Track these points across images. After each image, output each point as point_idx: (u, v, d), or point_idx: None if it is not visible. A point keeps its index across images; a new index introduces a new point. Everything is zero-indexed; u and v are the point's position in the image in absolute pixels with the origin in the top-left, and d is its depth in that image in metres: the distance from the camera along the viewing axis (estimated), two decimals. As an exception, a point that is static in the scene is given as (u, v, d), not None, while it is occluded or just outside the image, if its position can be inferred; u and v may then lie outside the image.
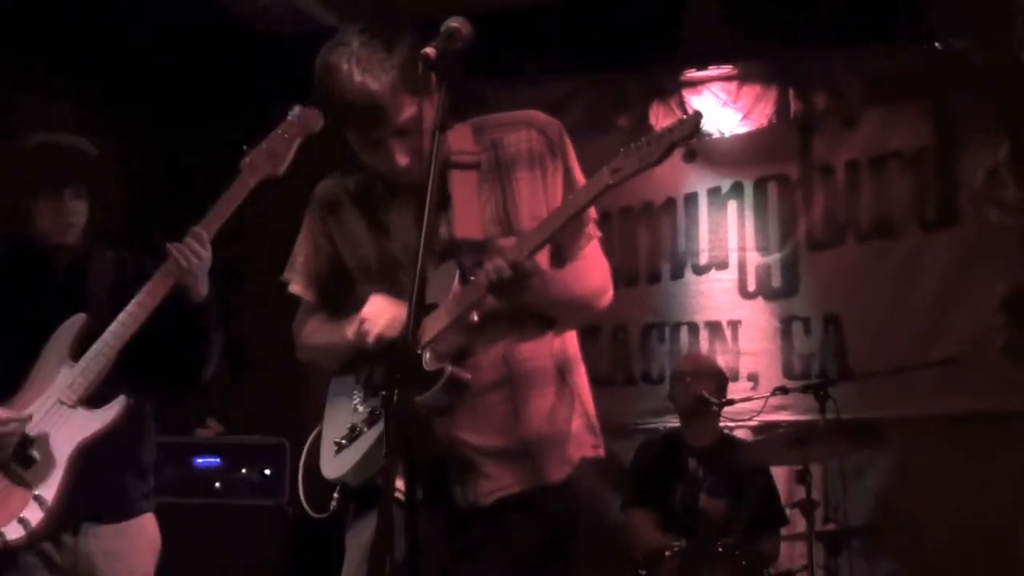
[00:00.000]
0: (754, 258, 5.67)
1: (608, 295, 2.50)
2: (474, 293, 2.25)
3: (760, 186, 5.69)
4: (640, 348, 5.77)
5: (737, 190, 5.73)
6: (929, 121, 5.40)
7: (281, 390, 5.21)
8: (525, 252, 2.21)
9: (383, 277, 2.43)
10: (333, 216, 2.53)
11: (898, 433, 5.11)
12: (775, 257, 5.63)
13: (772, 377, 5.44)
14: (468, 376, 2.28)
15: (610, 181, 2.14)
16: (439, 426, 2.32)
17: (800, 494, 4.61)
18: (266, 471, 4.95)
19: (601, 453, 2.50)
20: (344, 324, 2.45)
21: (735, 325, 5.63)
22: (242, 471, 4.96)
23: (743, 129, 5.72)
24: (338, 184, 2.55)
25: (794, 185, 5.64)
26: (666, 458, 4.97)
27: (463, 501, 2.35)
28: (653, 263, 5.81)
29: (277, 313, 2.74)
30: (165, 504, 4.59)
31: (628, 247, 5.79)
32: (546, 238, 2.25)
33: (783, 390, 4.94)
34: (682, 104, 5.75)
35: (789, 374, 5.46)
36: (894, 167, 5.46)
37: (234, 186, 2.90)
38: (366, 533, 2.28)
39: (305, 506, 2.52)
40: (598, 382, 4.35)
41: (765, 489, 4.90)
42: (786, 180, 5.65)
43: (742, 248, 5.69)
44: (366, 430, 2.37)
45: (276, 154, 2.89)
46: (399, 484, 2.00)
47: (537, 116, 2.48)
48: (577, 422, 2.46)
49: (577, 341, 2.53)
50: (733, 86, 5.75)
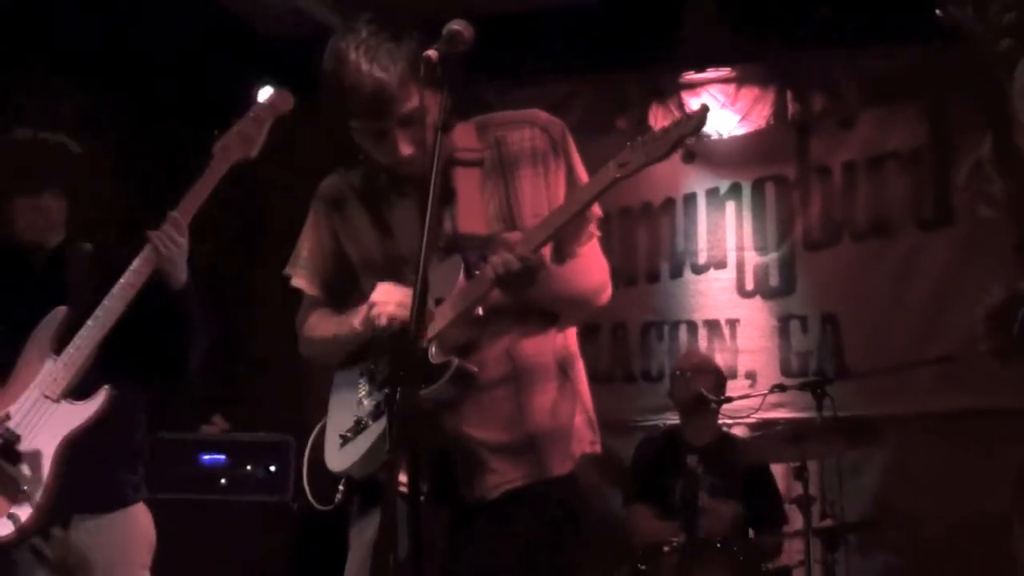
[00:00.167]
0: (752, 258, 5.69)
1: (607, 292, 2.51)
2: (480, 287, 2.25)
3: (758, 186, 5.71)
4: (640, 346, 5.78)
5: (735, 190, 5.75)
6: (925, 122, 5.42)
7: (286, 387, 5.18)
8: (532, 246, 2.22)
9: (387, 272, 2.43)
10: (337, 211, 2.53)
11: (894, 430, 5.07)
12: (773, 256, 5.64)
13: (770, 375, 5.47)
14: (475, 369, 2.28)
15: (617, 175, 2.15)
16: (444, 421, 2.32)
17: (797, 490, 4.59)
18: (271, 468, 4.92)
19: (599, 449, 2.51)
20: (350, 315, 2.45)
21: (733, 324, 5.64)
22: (247, 468, 4.93)
23: (741, 130, 5.73)
24: (342, 179, 2.55)
25: (791, 185, 5.65)
26: (666, 455, 4.97)
27: (469, 495, 2.35)
28: (652, 262, 5.83)
29: (282, 311, 2.73)
30: (171, 500, 4.69)
31: (627, 247, 5.79)
32: (553, 232, 2.26)
33: (781, 388, 4.95)
34: (681, 106, 5.74)
35: (787, 372, 5.49)
36: (891, 167, 5.48)
37: (208, 171, 2.85)
38: (370, 529, 2.28)
39: (310, 498, 2.51)
40: (598, 379, 4.42)
41: (767, 490, 4.92)
42: (784, 181, 5.67)
43: (740, 248, 5.70)
44: (371, 423, 2.37)
45: (248, 137, 2.86)
46: (403, 479, 2.01)
47: (540, 115, 2.49)
48: (578, 418, 2.47)
49: (576, 338, 2.54)
50: (731, 88, 5.76)
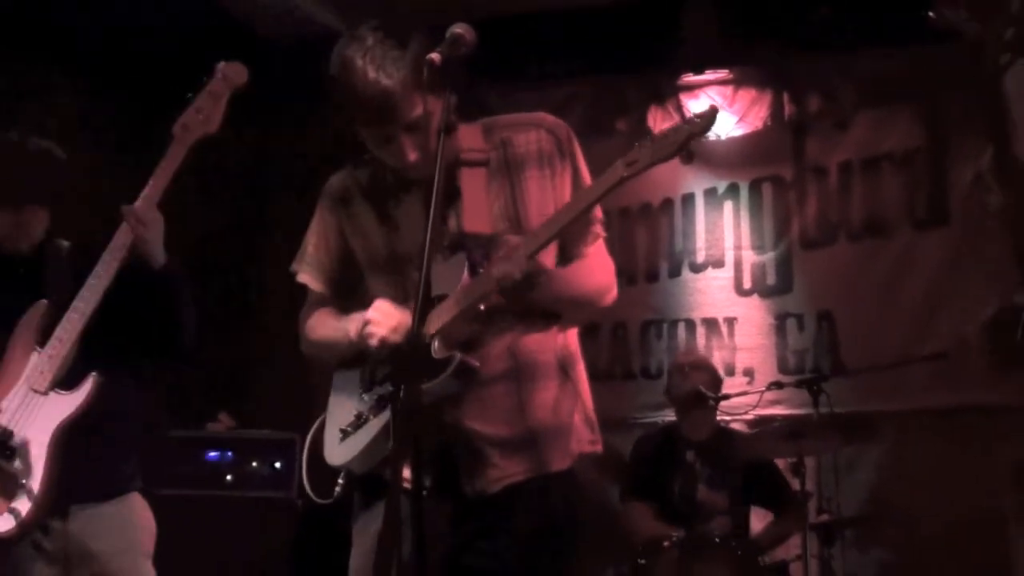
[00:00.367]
0: (749, 257, 5.70)
1: (612, 293, 2.51)
2: (483, 285, 2.27)
3: (755, 187, 5.73)
4: (639, 344, 5.79)
5: (733, 191, 5.77)
6: (920, 123, 5.43)
7: (291, 385, 5.16)
8: (532, 249, 2.23)
9: (392, 269, 2.45)
10: (344, 208, 2.54)
11: (890, 426, 5.09)
12: (770, 256, 5.66)
13: (767, 372, 5.48)
14: (477, 364, 2.29)
15: (625, 173, 2.16)
16: (447, 416, 2.33)
17: (795, 486, 4.61)
18: (276, 464, 4.96)
19: (599, 448, 2.52)
20: (346, 321, 2.45)
21: (731, 322, 5.66)
22: (253, 464, 4.97)
23: (739, 132, 5.75)
24: (349, 177, 2.56)
25: (788, 186, 5.67)
26: (664, 451, 4.99)
27: (470, 489, 2.36)
28: (652, 262, 5.84)
29: (289, 308, 2.73)
30: (178, 496, 4.77)
31: (627, 247, 5.79)
32: (557, 231, 2.27)
33: (778, 385, 5.01)
34: (679, 108, 5.75)
35: (784, 369, 5.50)
36: (886, 168, 5.49)
37: (170, 151, 2.86)
38: (373, 524, 2.27)
39: (309, 492, 2.53)
40: (598, 377, 4.47)
41: (773, 479, 4.93)
42: (780, 181, 5.69)
43: (738, 247, 5.72)
44: (372, 418, 2.38)
45: (206, 113, 2.88)
46: (406, 474, 2.03)
47: (546, 118, 2.50)
48: (578, 417, 2.48)
49: (578, 338, 2.55)
50: (729, 90, 5.77)
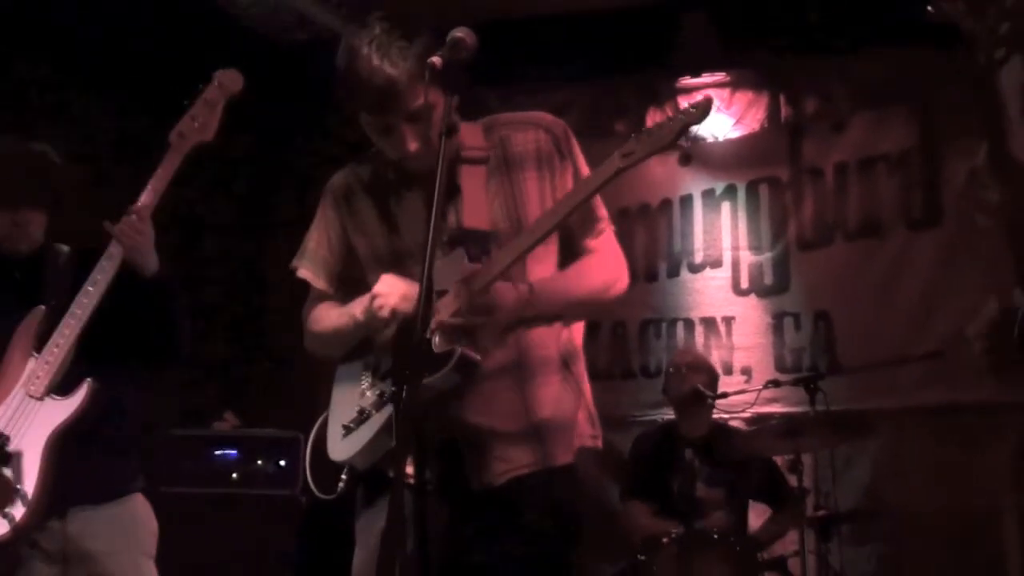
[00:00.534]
0: (747, 257, 5.73)
1: (618, 285, 2.54)
2: (483, 280, 2.27)
3: (752, 188, 5.75)
4: (638, 343, 5.82)
5: (730, 192, 5.80)
6: (915, 124, 5.45)
7: (296, 384, 5.20)
8: (489, 278, 2.25)
9: (393, 265, 2.45)
10: (346, 204, 2.56)
11: (885, 424, 5.12)
12: (767, 256, 5.68)
13: (764, 371, 5.51)
14: (478, 357, 2.28)
15: (621, 164, 2.18)
16: (450, 410, 2.32)
17: (792, 482, 4.66)
18: (281, 462, 4.98)
19: (599, 444, 2.54)
20: (351, 306, 2.46)
21: (729, 321, 5.68)
22: (258, 462, 4.99)
23: (736, 134, 5.78)
24: (352, 173, 2.58)
25: (785, 187, 5.69)
26: (662, 449, 5.02)
27: (476, 483, 2.36)
28: (650, 262, 5.87)
29: (293, 308, 2.72)
30: (183, 494, 4.84)
31: (626, 247, 5.47)
32: (552, 228, 2.29)
33: (775, 383, 5.04)
34: (677, 109, 5.78)
35: (781, 368, 5.53)
36: (881, 169, 5.51)
37: (166, 159, 2.86)
38: (377, 521, 2.28)
39: (312, 488, 2.53)
40: (598, 376, 4.47)
41: (768, 475, 4.96)
42: (777, 182, 5.71)
43: (735, 247, 5.75)
44: (375, 413, 2.37)
45: (202, 121, 2.89)
46: (409, 470, 2.06)
47: (545, 117, 2.53)
48: (580, 412, 2.49)
49: (582, 335, 2.56)
50: (726, 92, 5.79)
